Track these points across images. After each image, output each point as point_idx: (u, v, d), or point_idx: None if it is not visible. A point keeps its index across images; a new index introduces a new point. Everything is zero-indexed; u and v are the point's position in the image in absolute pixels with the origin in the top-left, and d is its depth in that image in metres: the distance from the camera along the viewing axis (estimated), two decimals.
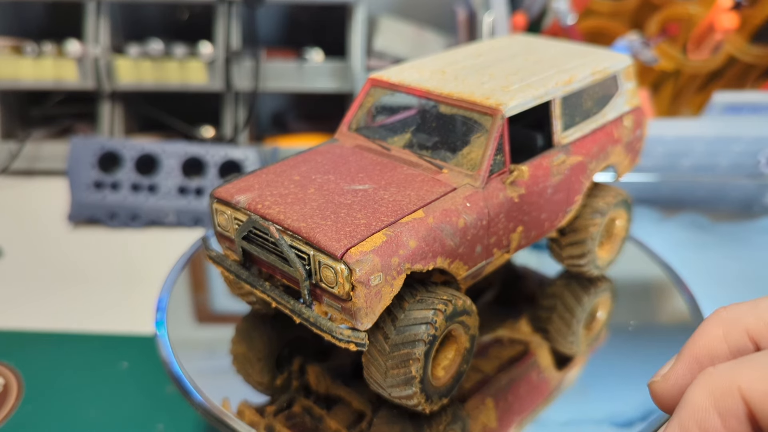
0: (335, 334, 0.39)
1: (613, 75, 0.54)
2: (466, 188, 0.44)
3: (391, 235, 0.39)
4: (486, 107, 0.45)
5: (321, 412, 0.44)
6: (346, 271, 0.37)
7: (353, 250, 0.38)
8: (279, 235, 0.40)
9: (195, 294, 0.58)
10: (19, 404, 0.55)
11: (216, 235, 0.48)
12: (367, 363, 0.42)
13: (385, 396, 0.43)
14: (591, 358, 0.51)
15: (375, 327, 0.41)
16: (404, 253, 0.39)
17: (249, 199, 0.44)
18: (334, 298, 0.39)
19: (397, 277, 0.39)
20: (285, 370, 0.48)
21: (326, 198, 0.43)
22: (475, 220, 0.43)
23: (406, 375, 0.40)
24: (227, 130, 0.98)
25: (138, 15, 1.05)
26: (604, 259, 0.58)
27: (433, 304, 0.40)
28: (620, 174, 0.58)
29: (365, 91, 0.53)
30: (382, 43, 1.02)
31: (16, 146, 0.95)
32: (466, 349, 0.44)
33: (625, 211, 0.58)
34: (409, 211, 0.41)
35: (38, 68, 0.94)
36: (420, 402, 0.42)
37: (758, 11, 0.93)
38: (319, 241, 0.39)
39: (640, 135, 0.59)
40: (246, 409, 0.45)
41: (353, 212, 0.41)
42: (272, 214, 0.42)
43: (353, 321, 0.39)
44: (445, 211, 0.42)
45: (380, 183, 0.44)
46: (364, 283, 0.37)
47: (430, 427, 0.43)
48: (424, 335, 0.40)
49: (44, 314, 0.66)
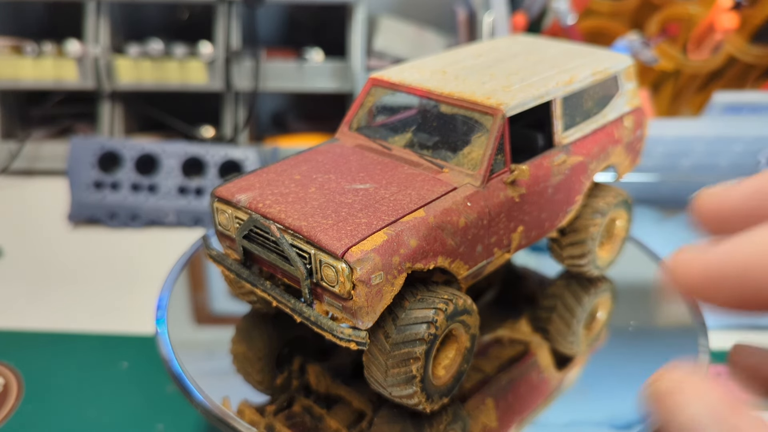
0: (336, 333, 0.39)
1: (613, 75, 0.54)
2: (467, 188, 0.44)
3: (392, 234, 0.39)
4: (487, 107, 0.45)
5: (321, 411, 0.44)
6: (347, 270, 0.37)
7: (354, 248, 0.38)
8: (280, 234, 0.40)
9: (195, 294, 0.58)
10: (19, 404, 0.55)
11: (217, 234, 0.48)
12: (368, 362, 0.42)
13: (386, 395, 0.43)
14: (591, 358, 0.51)
15: (376, 326, 0.41)
16: (405, 252, 0.39)
17: (250, 198, 0.44)
18: (335, 297, 0.39)
19: (398, 276, 0.39)
20: (285, 370, 0.48)
21: (327, 197, 0.43)
22: (475, 219, 0.43)
23: (407, 374, 0.40)
24: (227, 130, 0.98)
25: (138, 15, 1.05)
26: (605, 259, 0.58)
27: (434, 304, 0.40)
28: (621, 174, 0.58)
29: (366, 91, 0.53)
30: (382, 43, 1.02)
31: (16, 146, 0.95)
32: (467, 348, 0.44)
33: (626, 212, 0.58)
34: (410, 210, 0.41)
35: (38, 68, 0.94)
36: (420, 401, 0.42)
37: (758, 11, 0.93)
38: (320, 239, 0.39)
39: (641, 135, 0.59)
40: (246, 408, 0.45)
41: (354, 211, 0.41)
42: (273, 213, 0.42)
43: (354, 320, 0.39)
44: (445, 211, 0.42)
45: (381, 182, 0.44)
46: (365, 282, 0.37)
47: (431, 427, 0.43)
48: (424, 334, 0.40)
49: (44, 314, 0.66)
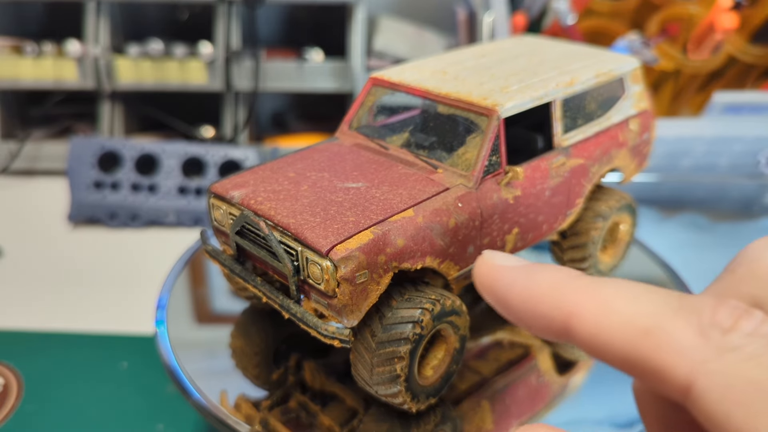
0: (320, 330, 0.40)
1: (619, 77, 0.53)
2: (459, 188, 0.44)
3: (379, 234, 0.39)
4: (482, 108, 0.45)
5: (315, 408, 0.45)
6: (332, 268, 0.37)
7: (339, 246, 0.38)
8: (269, 231, 0.41)
9: (195, 294, 0.58)
10: (19, 404, 0.55)
11: (213, 229, 0.49)
12: (355, 360, 0.42)
13: (372, 393, 0.43)
14: (594, 362, 0.50)
15: (363, 324, 0.41)
16: (391, 251, 0.39)
17: (243, 195, 0.44)
18: (321, 295, 0.40)
19: (384, 275, 0.39)
20: (282, 365, 0.49)
21: (318, 195, 0.43)
22: (466, 220, 0.43)
23: (391, 373, 0.40)
24: (227, 130, 0.98)
25: (138, 15, 1.05)
26: (607, 264, 0.58)
27: (421, 304, 0.41)
28: (626, 178, 0.58)
29: (366, 90, 0.53)
30: (382, 43, 1.01)
31: (16, 146, 0.95)
32: (456, 349, 0.44)
33: (630, 216, 0.58)
34: (399, 209, 0.41)
35: (38, 68, 0.94)
36: (405, 400, 0.42)
37: (758, 11, 0.93)
38: (306, 237, 0.39)
39: (648, 139, 0.58)
40: (243, 403, 0.45)
41: (343, 210, 0.41)
42: (263, 210, 0.42)
43: (339, 317, 0.39)
44: (435, 211, 0.42)
45: (373, 182, 0.44)
46: (349, 280, 0.38)
47: (418, 427, 0.43)
48: (409, 334, 0.40)
49: (44, 314, 0.66)
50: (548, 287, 0.23)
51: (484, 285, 0.26)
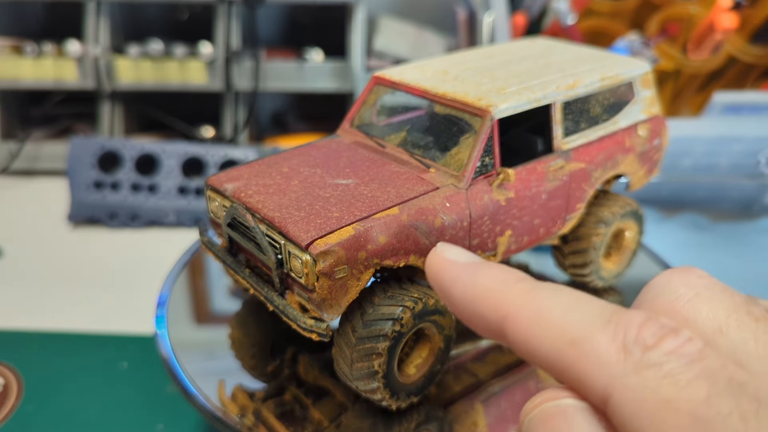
0: (299, 323, 0.40)
1: (627, 82, 0.52)
2: (449, 188, 0.44)
3: (360, 230, 0.39)
4: (476, 108, 0.45)
5: (308, 402, 0.45)
6: (311, 262, 0.38)
7: (319, 241, 0.38)
8: (254, 223, 0.41)
9: (195, 294, 0.58)
10: (19, 404, 0.55)
11: (210, 221, 0.50)
12: (336, 354, 0.43)
13: (354, 388, 0.43)
14: None
15: (345, 319, 0.41)
16: (373, 248, 0.39)
17: (235, 188, 0.45)
18: (302, 288, 0.40)
19: (365, 272, 0.40)
20: (278, 358, 0.49)
21: (307, 190, 0.44)
22: (454, 220, 0.43)
23: (369, 369, 0.41)
24: (227, 130, 0.98)
25: (138, 15, 1.05)
26: (611, 271, 0.57)
27: (402, 301, 0.41)
28: (634, 185, 0.56)
29: (369, 89, 0.53)
30: (382, 43, 1.01)
31: (16, 146, 0.95)
32: (440, 349, 0.44)
33: (635, 223, 0.57)
34: (384, 207, 0.41)
35: (38, 68, 0.94)
36: (384, 397, 0.42)
37: (758, 11, 0.93)
38: (288, 230, 0.40)
39: (659, 145, 0.56)
40: (239, 393, 0.46)
41: (329, 205, 0.42)
42: (252, 203, 0.43)
43: (319, 311, 0.40)
44: (421, 210, 0.42)
45: (364, 179, 0.45)
46: (328, 274, 0.38)
47: (400, 425, 0.43)
48: (388, 331, 0.40)
49: (44, 314, 0.66)
50: (488, 288, 0.24)
51: (432, 277, 0.27)
